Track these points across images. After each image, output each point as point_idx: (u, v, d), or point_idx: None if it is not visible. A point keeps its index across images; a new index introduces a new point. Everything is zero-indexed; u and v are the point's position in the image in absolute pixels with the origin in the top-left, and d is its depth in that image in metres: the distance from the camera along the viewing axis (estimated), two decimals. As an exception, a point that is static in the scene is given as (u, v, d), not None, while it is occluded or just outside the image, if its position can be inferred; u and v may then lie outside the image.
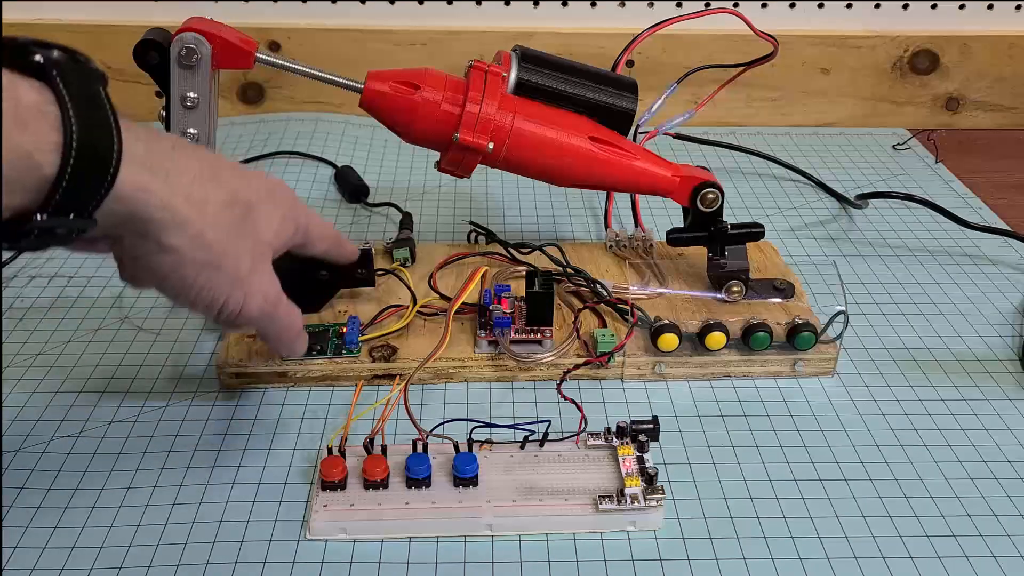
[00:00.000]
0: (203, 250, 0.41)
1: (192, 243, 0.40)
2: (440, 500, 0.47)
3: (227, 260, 0.42)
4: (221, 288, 0.43)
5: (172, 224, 0.39)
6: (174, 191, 0.39)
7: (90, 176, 0.34)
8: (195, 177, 0.40)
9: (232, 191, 0.43)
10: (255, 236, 0.44)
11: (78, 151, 0.34)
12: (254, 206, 0.44)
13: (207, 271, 0.42)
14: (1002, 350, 0.63)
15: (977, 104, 1.02)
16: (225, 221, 0.42)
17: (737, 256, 0.63)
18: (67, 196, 0.34)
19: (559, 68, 0.59)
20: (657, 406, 0.57)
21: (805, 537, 0.47)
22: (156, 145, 0.39)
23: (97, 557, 0.45)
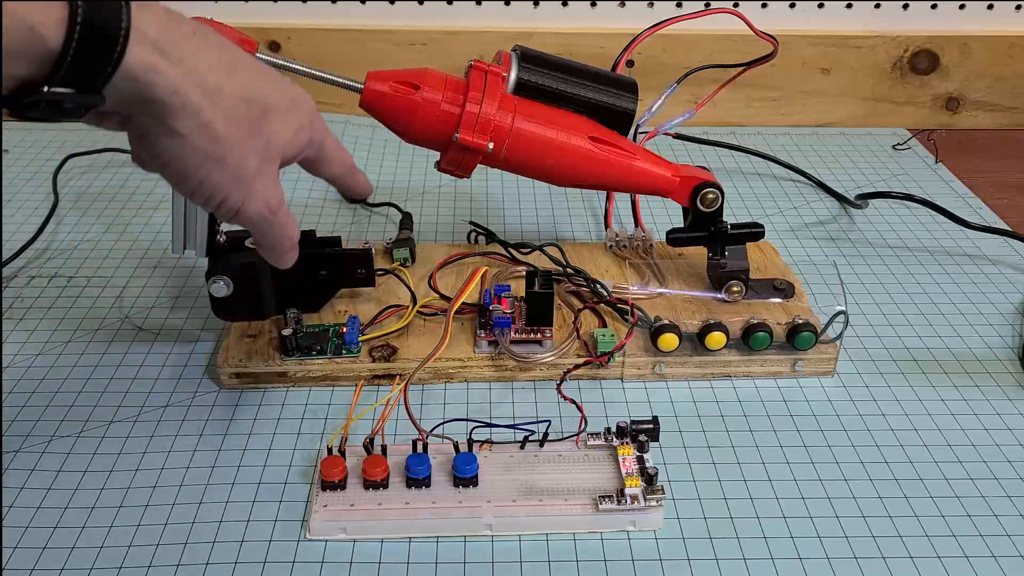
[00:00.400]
0: (209, 141, 0.40)
1: (199, 132, 0.40)
2: (440, 500, 0.47)
3: (232, 156, 0.41)
4: (223, 184, 0.42)
5: (181, 109, 0.39)
6: (187, 76, 0.38)
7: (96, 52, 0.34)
8: (212, 66, 0.40)
9: (250, 89, 0.42)
10: (266, 139, 0.43)
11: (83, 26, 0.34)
12: (271, 109, 0.43)
13: (210, 163, 0.41)
14: (1002, 350, 0.63)
15: (977, 104, 1.02)
16: (237, 116, 0.41)
17: (737, 256, 0.63)
18: (72, 70, 0.34)
19: (559, 68, 0.59)
20: (657, 406, 0.57)
21: (805, 537, 0.47)
22: (174, 28, 0.38)
23: (97, 557, 0.45)
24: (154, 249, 0.74)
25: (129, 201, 0.82)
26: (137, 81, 0.37)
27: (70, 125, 0.97)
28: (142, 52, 0.36)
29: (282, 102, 0.44)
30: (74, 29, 0.34)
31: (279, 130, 0.44)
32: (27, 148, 0.92)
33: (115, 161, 0.89)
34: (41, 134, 0.95)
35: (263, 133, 0.43)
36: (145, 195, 0.83)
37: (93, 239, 0.75)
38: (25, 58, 0.34)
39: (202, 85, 0.39)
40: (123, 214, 0.79)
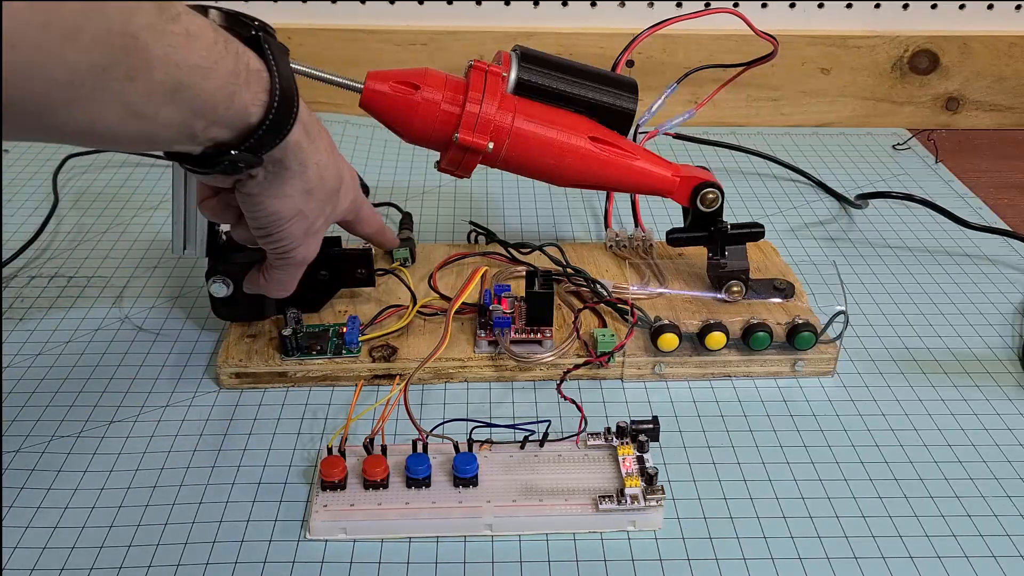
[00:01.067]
0: (305, 202, 0.48)
1: (302, 195, 0.48)
2: (440, 500, 0.47)
3: (313, 215, 0.50)
4: (296, 234, 0.50)
5: (298, 176, 0.47)
6: (313, 153, 0.47)
7: (276, 129, 0.43)
8: (327, 148, 0.49)
9: (340, 166, 0.51)
10: (334, 206, 0.52)
11: (276, 111, 0.43)
12: (344, 183, 0.52)
13: (297, 218, 0.49)
14: (1002, 350, 0.63)
15: (977, 104, 1.02)
16: (330, 187, 0.50)
17: (737, 256, 0.63)
18: (256, 141, 0.43)
19: (559, 68, 0.59)
20: (657, 406, 0.57)
21: (805, 537, 0.47)
22: (310, 115, 0.47)
23: (97, 557, 0.45)
24: (154, 249, 0.74)
25: (129, 201, 0.82)
26: (286, 151, 0.45)
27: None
28: (298, 130, 0.45)
29: (348, 177, 0.53)
30: (270, 110, 0.42)
31: (343, 199, 0.53)
32: (27, 148, 0.92)
33: (115, 161, 0.89)
34: (41, 134, 0.94)
35: (334, 200, 0.51)
36: (145, 195, 0.83)
37: (93, 239, 0.75)
38: (234, 129, 0.42)
39: (318, 162, 0.48)
40: (123, 214, 0.79)
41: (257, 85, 0.42)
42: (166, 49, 0.36)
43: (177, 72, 0.37)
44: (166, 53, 0.36)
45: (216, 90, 0.40)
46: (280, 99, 0.43)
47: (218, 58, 0.39)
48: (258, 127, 0.43)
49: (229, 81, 0.40)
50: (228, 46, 0.40)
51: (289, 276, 0.53)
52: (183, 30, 0.37)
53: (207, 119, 0.40)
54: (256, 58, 0.43)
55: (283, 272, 0.53)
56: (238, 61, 0.41)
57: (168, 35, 0.36)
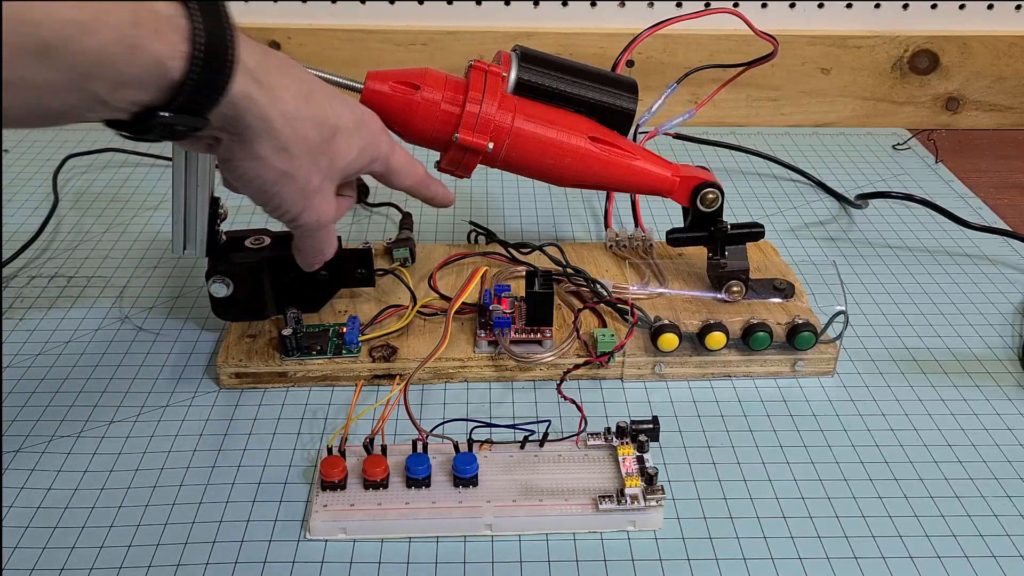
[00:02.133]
0: (284, 161, 0.45)
1: (276, 154, 0.45)
2: (440, 500, 0.47)
3: (300, 173, 0.46)
4: (289, 196, 0.47)
5: (265, 133, 0.43)
6: (274, 104, 0.43)
7: (210, 82, 0.39)
8: (294, 95, 0.44)
9: (322, 114, 0.46)
10: (330, 159, 0.48)
11: (203, 61, 0.38)
12: (338, 131, 0.48)
13: (283, 180, 0.46)
14: (1002, 350, 0.63)
15: (977, 104, 1.02)
16: (309, 139, 0.46)
17: (737, 256, 0.63)
18: (189, 98, 0.38)
19: (559, 68, 0.59)
20: (657, 406, 0.57)
21: (805, 537, 0.47)
22: (265, 60, 0.43)
23: (97, 557, 0.45)
24: (154, 249, 0.74)
25: (129, 201, 0.82)
26: (235, 106, 0.41)
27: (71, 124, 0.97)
28: (242, 81, 0.41)
29: (347, 124, 0.48)
30: (194, 62, 0.38)
31: (343, 150, 0.48)
32: (27, 148, 0.92)
33: (115, 161, 0.89)
34: (41, 134, 0.95)
35: (328, 152, 0.47)
36: (145, 195, 0.83)
37: (93, 239, 0.75)
38: (153, 87, 0.37)
39: (284, 113, 0.44)
40: (123, 214, 0.79)
41: (173, 33, 0.37)
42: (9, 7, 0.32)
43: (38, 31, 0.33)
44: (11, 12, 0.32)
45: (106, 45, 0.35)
46: (206, 46, 0.38)
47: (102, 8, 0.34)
48: (183, 83, 0.38)
49: (126, 33, 0.35)
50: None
51: (317, 241, 0.51)
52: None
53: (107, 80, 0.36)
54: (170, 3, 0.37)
55: (307, 240, 0.51)
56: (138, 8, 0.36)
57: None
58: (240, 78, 0.40)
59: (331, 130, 0.47)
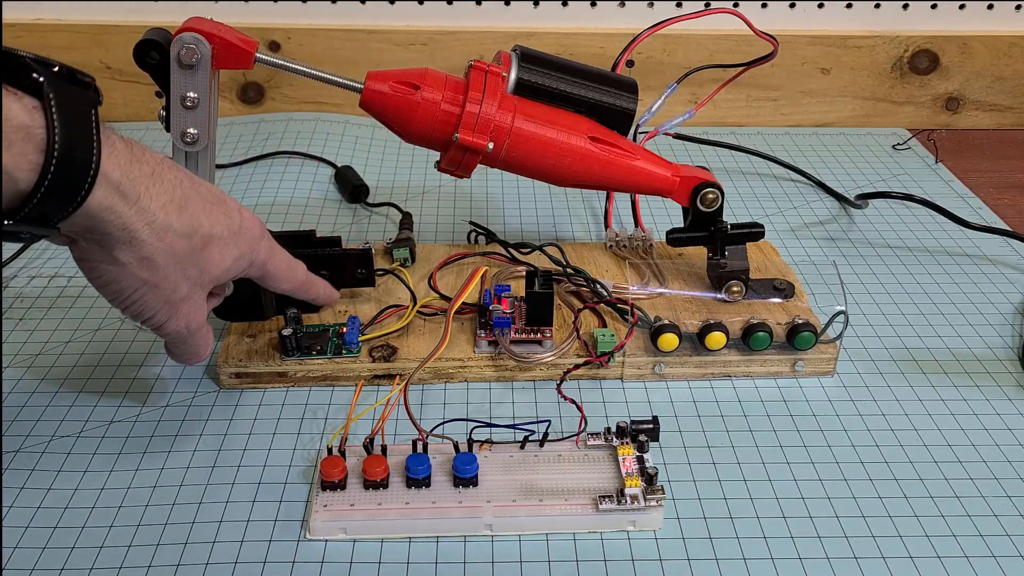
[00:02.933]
0: (147, 271, 0.43)
1: (139, 263, 0.43)
2: (440, 500, 0.47)
3: (166, 283, 0.45)
4: (152, 305, 0.45)
5: (127, 243, 0.42)
6: (140, 215, 0.41)
7: (63, 196, 0.37)
8: (165, 204, 0.42)
9: (195, 224, 0.44)
10: (201, 268, 0.46)
11: (55, 174, 0.36)
12: (212, 241, 0.46)
13: (145, 288, 0.44)
14: (1002, 350, 0.63)
15: (977, 104, 1.02)
16: (178, 250, 0.44)
17: (737, 256, 0.63)
18: (36, 210, 0.36)
19: (559, 68, 0.59)
20: (657, 406, 0.57)
21: (805, 537, 0.47)
22: (135, 168, 0.41)
23: (97, 557, 0.45)
24: (154, 249, 0.74)
25: (129, 201, 0.82)
26: (93, 218, 0.39)
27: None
28: (102, 193, 0.38)
29: (225, 232, 0.47)
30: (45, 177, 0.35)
31: (216, 259, 0.46)
32: (27, 148, 0.92)
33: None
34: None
35: (199, 263, 0.46)
36: (145, 195, 0.82)
37: (93, 239, 0.75)
38: None
39: (151, 223, 0.42)
40: (123, 214, 0.79)
41: (25, 144, 0.35)
42: None
43: None
44: None
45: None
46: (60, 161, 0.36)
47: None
48: (32, 194, 0.36)
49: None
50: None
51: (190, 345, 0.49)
52: None
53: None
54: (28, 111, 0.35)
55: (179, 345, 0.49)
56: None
57: None
58: (100, 190, 0.38)
59: (203, 239, 0.45)
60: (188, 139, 0.55)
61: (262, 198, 0.82)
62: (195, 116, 0.54)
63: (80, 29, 0.94)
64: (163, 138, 0.56)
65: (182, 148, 0.55)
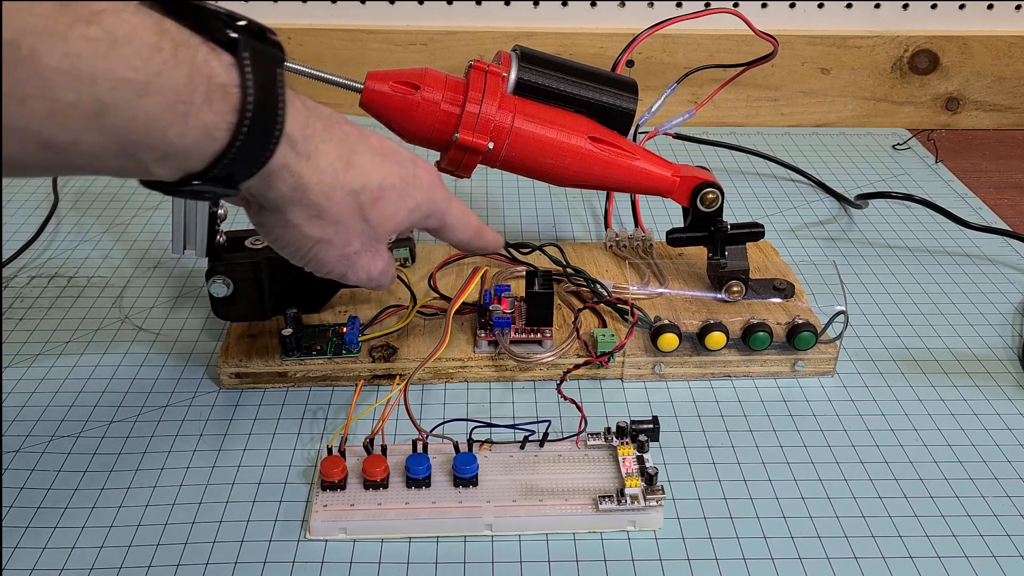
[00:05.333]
0: (319, 229, 0.43)
1: (311, 222, 0.43)
2: (440, 500, 0.47)
3: (338, 238, 0.45)
4: (328, 259, 0.46)
5: (299, 203, 0.42)
6: (311, 173, 0.41)
7: (251, 156, 0.37)
8: (333, 161, 0.42)
9: (363, 179, 0.44)
10: (373, 222, 0.46)
11: (247, 134, 0.36)
12: (383, 195, 0.45)
13: (319, 245, 0.44)
14: (1002, 350, 0.63)
15: (977, 104, 1.02)
16: (347, 206, 0.44)
17: (737, 256, 0.63)
18: (225, 170, 0.36)
19: (559, 68, 0.59)
20: (657, 406, 0.57)
21: (805, 537, 0.47)
22: (309, 125, 0.41)
23: (97, 557, 0.45)
24: (154, 249, 0.74)
25: (129, 201, 0.82)
26: (271, 176, 0.39)
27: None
28: (283, 152, 0.39)
29: (397, 183, 0.46)
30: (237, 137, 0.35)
31: (388, 214, 0.46)
32: (27, 148, 0.92)
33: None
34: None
35: (370, 219, 0.45)
36: (145, 195, 0.83)
37: (93, 239, 0.75)
38: (197, 158, 0.35)
39: (320, 182, 0.42)
40: (123, 214, 0.79)
41: (223, 103, 0.35)
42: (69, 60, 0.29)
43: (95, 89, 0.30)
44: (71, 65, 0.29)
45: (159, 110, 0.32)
46: (252, 122, 0.36)
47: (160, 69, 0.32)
48: (223, 154, 0.36)
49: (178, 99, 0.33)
50: (179, 53, 0.33)
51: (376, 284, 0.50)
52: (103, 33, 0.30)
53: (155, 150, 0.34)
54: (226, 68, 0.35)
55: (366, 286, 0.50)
56: (193, 72, 0.33)
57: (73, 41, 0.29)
58: (281, 149, 0.38)
59: (373, 195, 0.45)
60: None
61: (262, 198, 0.82)
62: (195, 116, 0.54)
63: (80, 29, 0.94)
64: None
65: None
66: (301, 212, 0.42)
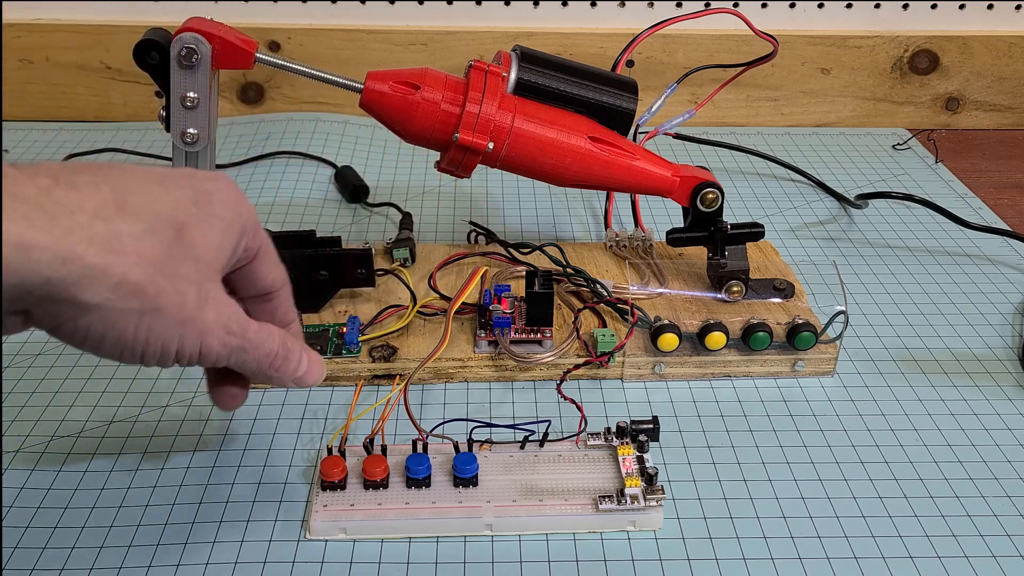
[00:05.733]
0: (133, 296, 0.33)
1: (116, 293, 0.33)
2: (440, 500, 0.47)
3: (165, 298, 0.35)
4: (168, 334, 0.35)
5: (83, 278, 0.32)
6: (70, 237, 0.31)
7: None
8: (96, 210, 0.33)
9: (151, 214, 0.35)
10: (194, 258, 0.36)
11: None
12: (184, 223, 0.36)
13: (146, 319, 0.34)
14: (1002, 350, 0.63)
15: (977, 104, 1.02)
16: (149, 253, 0.34)
17: (737, 256, 0.63)
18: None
19: (559, 68, 0.59)
20: (657, 406, 0.57)
21: (805, 537, 0.47)
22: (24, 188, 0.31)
23: (97, 557, 0.45)
24: (154, 249, 0.74)
25: (129, 201, 0.81)
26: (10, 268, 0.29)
27: (70, 124, 0.97)
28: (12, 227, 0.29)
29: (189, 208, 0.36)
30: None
31: (202, 242, 0.36)
32: (27, 148, 0.92)
33: (115, 161, 0.89)
34: (41, 134, 0.95)
35: (186, 256, 0.35)
36: (145, 195, 0.82)
37: (93, 239, 0.75)
38: None
39: (92, 239, 0.32)
40: (123, 214, 0.79)
41: None
42: None
43: None
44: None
45: None
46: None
47: None
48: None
49: None
50: None
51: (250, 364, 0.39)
52: None
53: None
54: None
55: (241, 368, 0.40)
56: None
57: None
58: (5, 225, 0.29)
59: (171, 226, 0.35)
60: (188, 139, 0.55)
61: (262, 198, 0.82)
62: (195, 116, 0.55)
63: (80, 29, 0.94)
64: (163, 138, 0.56)
65: (182, 148, 0.55)
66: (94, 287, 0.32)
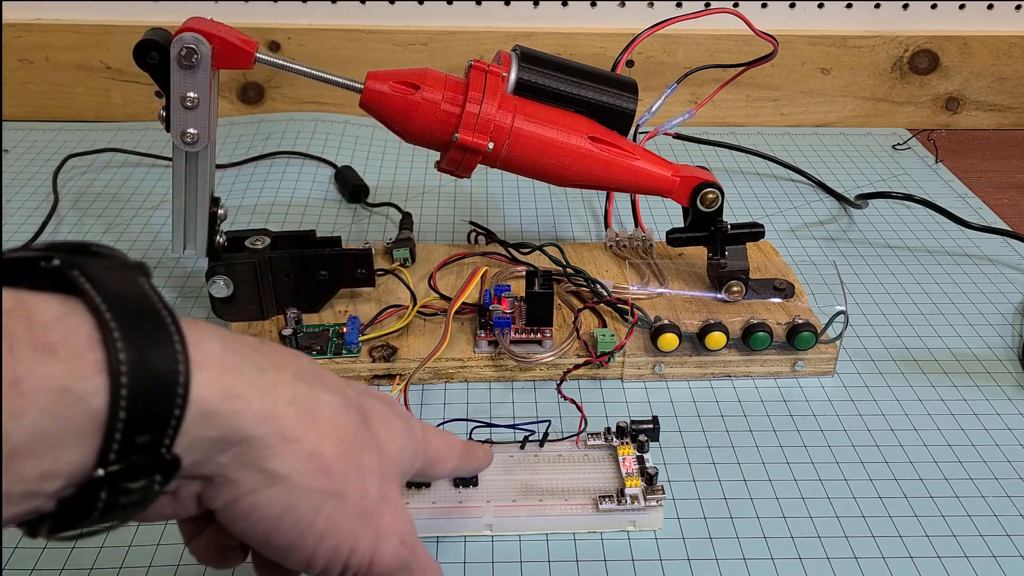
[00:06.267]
0: (322, 474, 0.30)
1: (307, 465, 0.30)
2: (440, 500, 0.47)
3: (351, 486, 0.31)
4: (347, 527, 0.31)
5: (279, 441, 0.29)
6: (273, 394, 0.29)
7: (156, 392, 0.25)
8: (295, 376, 0.31)
9: (340, 390, 0.33)
10: (377, 450, 0.33)
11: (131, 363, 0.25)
12: (369, 410, 0.34)
13: (329, 504, 0.31)
14: (1002, 350, 0.63)
15: (977, 104, 1.02)
16: (342, 429, 0.31)
17: (737, 256, 0.63)
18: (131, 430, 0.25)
19: (559, 68, 0.59)
20: (657, 406, 0.57)
21: (805, 537, 0.47)
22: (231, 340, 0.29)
23: (97, 557, 0.45)
24: (154, 249, 0.74)
25: (129, 201, 0.82)
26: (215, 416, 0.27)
27: (70, 124, 0.97)
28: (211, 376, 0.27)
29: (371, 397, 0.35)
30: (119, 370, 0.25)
31: (385, 434, 0.34)
32: (27, 148, 0.92)
33: (115, 161, 0.89)
34: (41, 134, 0.95)
35: (372, 444, 0.33)
36: (145, 195, 0.83)
37: (93, 239, 0.75)
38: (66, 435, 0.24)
39: (294, 401, 0.30)
40: (123, 214, 0.79)
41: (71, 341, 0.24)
42: None
43: None
44: None
45: None
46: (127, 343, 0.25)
47: None
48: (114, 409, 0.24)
49: None
50: None
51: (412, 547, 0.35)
52: None
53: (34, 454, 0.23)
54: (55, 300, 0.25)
55: None
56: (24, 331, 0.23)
57: None
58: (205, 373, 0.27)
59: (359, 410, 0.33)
60: (188, 139, 0.55)
61: (262, 198, 0.82)
62: (195, 116, 0.54)
63: (80, 29, 0.94)
64: (163, 138, 0.56)
65: (182, 148, 0.55)
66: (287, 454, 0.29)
